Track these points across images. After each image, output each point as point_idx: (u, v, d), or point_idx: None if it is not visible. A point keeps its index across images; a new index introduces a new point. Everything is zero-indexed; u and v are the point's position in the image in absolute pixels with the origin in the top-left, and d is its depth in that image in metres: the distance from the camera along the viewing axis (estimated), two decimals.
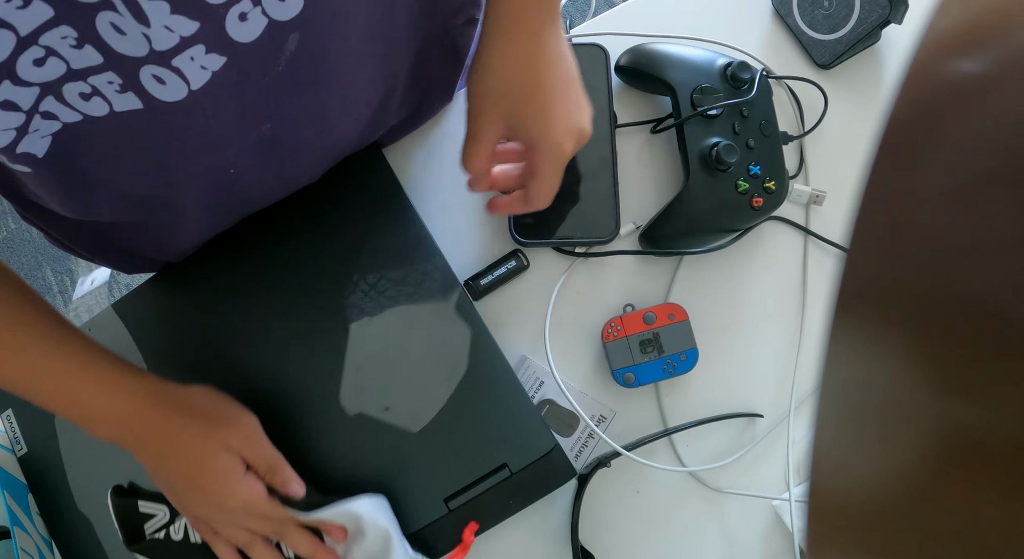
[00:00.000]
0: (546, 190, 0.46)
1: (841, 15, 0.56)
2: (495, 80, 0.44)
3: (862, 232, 0.12)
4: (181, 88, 0.32)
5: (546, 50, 0.44)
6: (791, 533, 0.51)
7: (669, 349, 0.51)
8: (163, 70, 0.31)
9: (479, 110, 0.46)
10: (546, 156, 0.45)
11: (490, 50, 0.44)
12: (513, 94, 0.44)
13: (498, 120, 0.45)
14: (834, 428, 0.13)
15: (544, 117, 0.45)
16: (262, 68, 0.35)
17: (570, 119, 0.45)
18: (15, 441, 0.53)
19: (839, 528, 0.13)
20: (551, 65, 0.45)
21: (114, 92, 0.31)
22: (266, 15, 0.31)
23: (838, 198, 0.56)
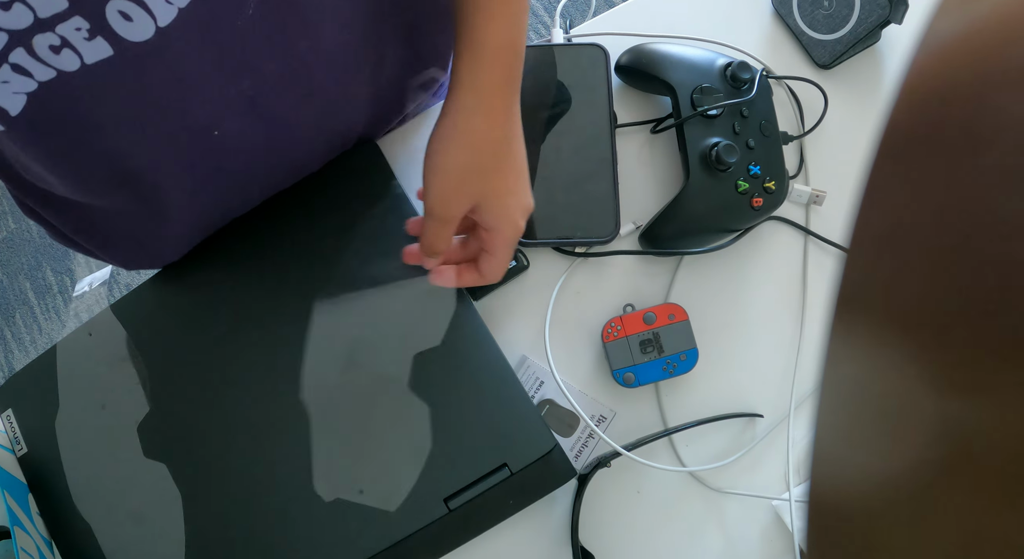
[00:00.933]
0: (502, 267, 0.46)
1: (841, 15, 0.56)
2: (473, 157, 0.43)
3: (862, 232, 0.12)
4: (148, 24, 0.32)
5: (517, 127, 0.44)
6: (791, 533, 0.51)
7: (669, 349, 0.51)
8: (128, 4, 0.31)
9: (451, 190, 0.43)
10: (506, 237, 0.44)
11: (467, 123, 0.42)
12: (489, 173, 0.43)
13: (469, 202, 0.43)
14: (834, 428, 0.13)
15: (510, 197, 0.44)
16: (233, 8, 0.34)
17: (524, 199, 0.45)
18: (15, 441, 0.53)
19: (839, 528, 0.13)
20: (520, 143, 0.44)
21: (83, 40, 0.31)
22: None
23: (838, 198, 0.56)
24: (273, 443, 0.49)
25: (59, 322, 1.47)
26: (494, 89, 0.42)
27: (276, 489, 0.48)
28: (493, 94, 0.42)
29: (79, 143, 0.39)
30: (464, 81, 0.42)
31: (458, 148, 0.42)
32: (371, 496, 0.47)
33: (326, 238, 0.52)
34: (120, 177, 0.43)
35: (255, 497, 0.48)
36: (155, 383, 0.51)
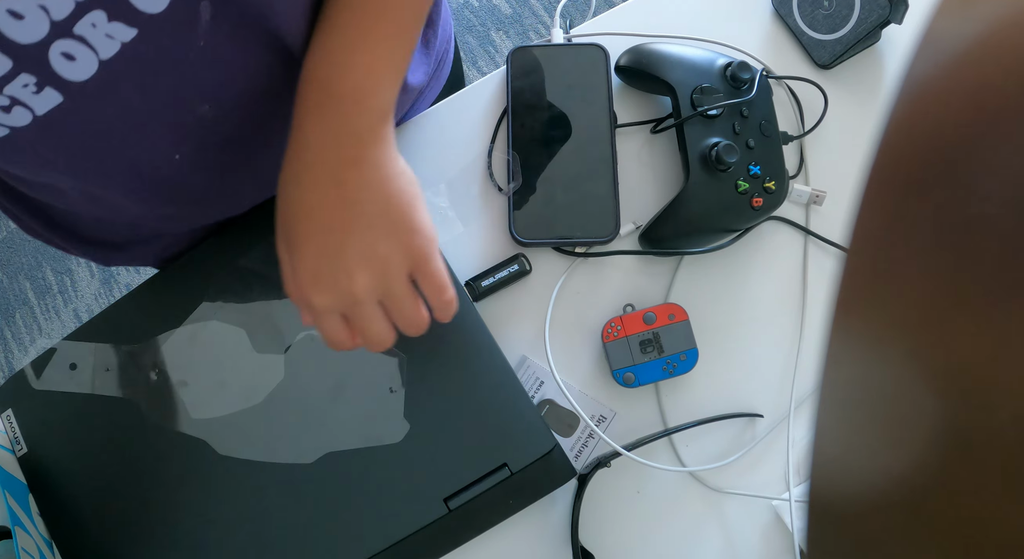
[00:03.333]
0: (330, 335, 0.40)
1: (841, 15, 0.56)
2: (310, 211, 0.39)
3: (862, 232, 0.12)
4: (91, 60, 0.32)
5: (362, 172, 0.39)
6: (791, 533, 0.51)
7: (669, 349, 0.51)
8: (69, 42, 0.30)
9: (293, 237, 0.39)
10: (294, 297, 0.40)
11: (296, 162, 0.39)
12: (282, 204, 0.40)
13: (280, 247, 0.40)
14: (834, 428, 0.13)
15: (299, 248, 0.39)
16: (182, 43, 0.34)
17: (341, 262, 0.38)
18: (15, 441, 0.53)
19: (839, 528, 0.13)
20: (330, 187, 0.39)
21: (31, 94, 0.31)
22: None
23: (838, 198, 0.56)
24: (272, 436, 0.49)
25: (59, 322, 1.47)
26: (294, 124, 0.40)
27: (276, 485, 0.48)
28: (293, 128, 0.40)
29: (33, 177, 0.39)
30: (295, 126, 0.40)
31: (283, 186, 0.40)
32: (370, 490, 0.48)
33: None
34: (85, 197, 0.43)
35: (255, 497, 0.48)
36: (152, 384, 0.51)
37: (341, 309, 0.39)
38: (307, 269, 0.38)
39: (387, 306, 0.39)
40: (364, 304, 0.39)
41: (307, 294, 0.38)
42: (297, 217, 0.38)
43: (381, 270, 0.38)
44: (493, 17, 1.55)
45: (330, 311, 0.39)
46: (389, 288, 0.39)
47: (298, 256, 0.38)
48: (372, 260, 0.38)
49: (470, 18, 1.55)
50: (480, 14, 1.55)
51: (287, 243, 0.39)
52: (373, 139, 0.39)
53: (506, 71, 0.57)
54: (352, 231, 0.38)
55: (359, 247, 0.38)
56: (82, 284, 1.49)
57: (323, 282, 0.38)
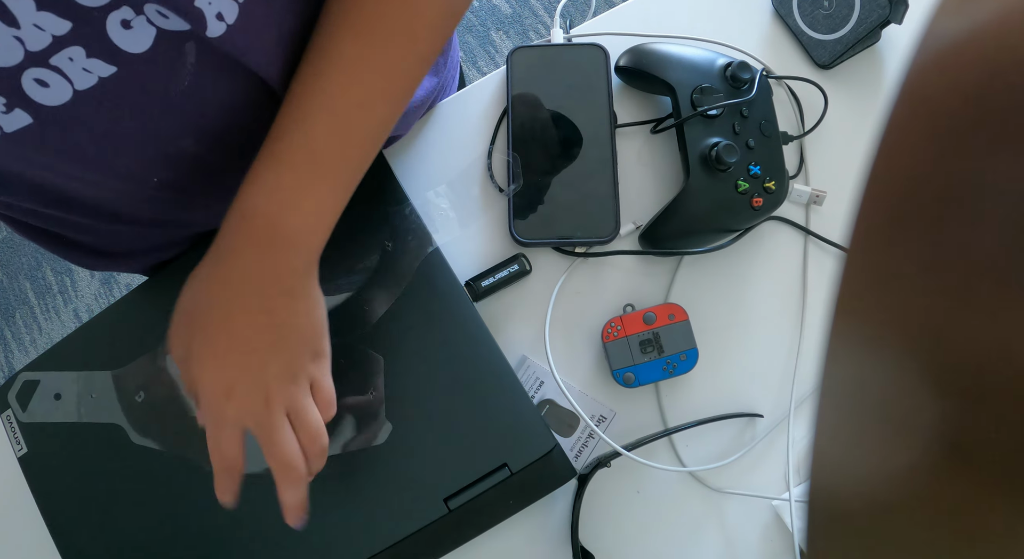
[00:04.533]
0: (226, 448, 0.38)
1: (841, 15, 0.56)
2: (188, 312, 0.40)
3: (862, 231, 0.12)
4: (65, 89, 0.31)
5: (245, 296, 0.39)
6: (791, 533, 0.51)
7: (669, 349, 0.51)
8: (43, 71, 0.30)
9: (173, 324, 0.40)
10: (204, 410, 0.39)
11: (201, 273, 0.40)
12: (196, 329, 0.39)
13: (176, 345, 0.40)
14: (834, 428, 0.13)
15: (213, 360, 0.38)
16: (164, 82, 0.34)
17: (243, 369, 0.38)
18: (15, 441, 0.53)
19: (839, 528, 0.13)
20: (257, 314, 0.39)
21: (1, 113, 0.31)
22: (152, 24, 0.31)
23: (838, 198, 0.56)
24: None
25: (59, 322, 1.47)
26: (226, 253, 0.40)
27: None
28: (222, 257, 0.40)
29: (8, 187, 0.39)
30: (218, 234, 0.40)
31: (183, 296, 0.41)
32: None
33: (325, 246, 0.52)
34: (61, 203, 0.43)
35: (255, 496, 0.48)
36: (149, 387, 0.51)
37: (249, 423, 0.38)
38: (221, 380, 0.38)
39: (292, 419, 0.39)
40: (275, 417, 0.38)
41: (220, 405, 0.38)
42: (217, 332, 0.38)
43: (295, 388, 0.39)
44: (493, 17, 1.55)
45: (236, 424, 0.38)
46: (298, 402, 0.39)
47: (212, 367, 0.38)
48: (289, 380, 0.39)
49: (470, 18, 1.55)
50: (480, 14, 1.55)
51: (195, 349, 0.39)
52: (307, 272, 0.40)
53: (506, 71, 0.57)
54: (276, 353, 0.38)
55: (280, 368, 0.38)
56: (82, 284, 1.49)
57: (238, 396, 0.38)
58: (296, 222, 0.38)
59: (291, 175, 0.38)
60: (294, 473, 0.39)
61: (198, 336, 0.39)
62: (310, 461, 0.39)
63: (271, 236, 0.38)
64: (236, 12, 0.32)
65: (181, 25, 0.31)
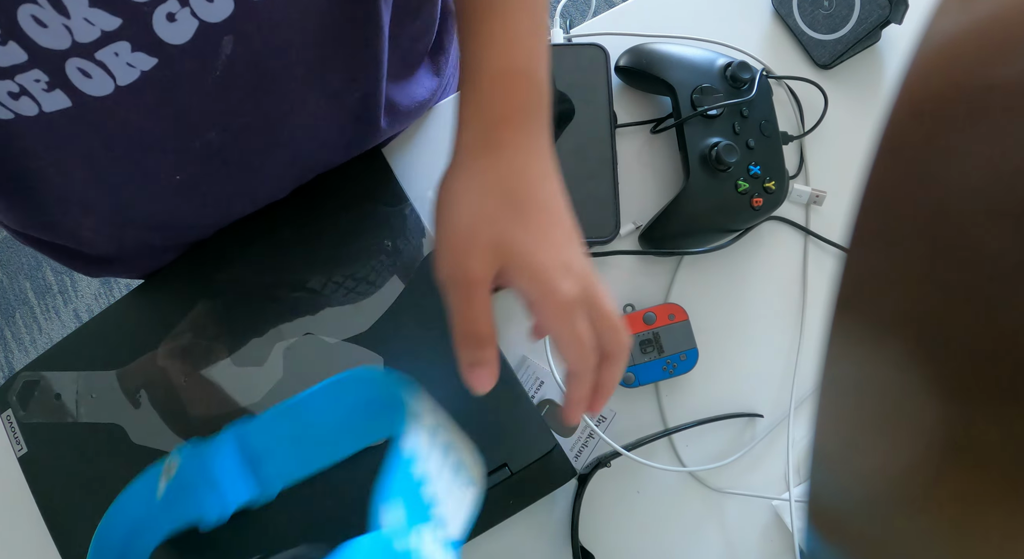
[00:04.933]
0: (582, 361, 0.35)
1: (841, 15, 0.56)
2: (480, 201, 0.35)
3: (862, 232, 0.12)
4: (107, 83, 0.32)
5: (541, 164, 0.36)
6: (791, 533, 0.51)
7: (669, 349, 0.51)
8: (87, 63, 0.30)
9: (460, 246, 0.35)
10: (553, 309, 0.34)
11: (471, 163, 0.36)
12: (503, 221, 0.34)
13: (486, 260, 0.34)
14: (834, 428, 0.13)
15: (540, 252, 0.34)
16: (198, 72, 0.34)
17: (563, 254, 0.35)
18: (15, 441, 0.53)
19: (839, 528, 0.13)
20: (551, 184, 0.36)
21: (42, 91, 0.31)
22: (196, 16, 0.31)
23: (838, 198, 0.56)
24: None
25: (59, 322, 1.47)
26: (499, 121, 0.35)
27: None
28: (498, 126, 0.35)
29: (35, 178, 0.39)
30: (465, 116, 0.36)
31: (462, 192, 0.35)
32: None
33: (324, 234, 0.52)
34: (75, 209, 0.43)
35: None
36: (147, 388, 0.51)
37: (587, 302, 0.34)
38: (558, 257, 0.34)
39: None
40: (606, 303, 0.35)
41: (560, 284, 0.33)
42: (533, 201, 0.35)
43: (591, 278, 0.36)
44: None
45: (578, 303, 0.34)
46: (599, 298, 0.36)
47: (544, 245, 0.34)
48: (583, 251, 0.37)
49: None
50: None
51: (512, 232, 0.34)
52: (548, 127, 0.38)
53: None
54: (572, 221, 0.37)
55: (578, 238, 0.37)
56: (82, 284, 1.49)
57: (577, 273, 0.34)
58: (544, 71, 0.36)
59: (519, 23, 0.36)
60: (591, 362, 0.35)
61: (511, 216, 0.34)
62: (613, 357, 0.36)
63: (535, 94, 0.35)
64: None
65: (223, 12, 0.32)
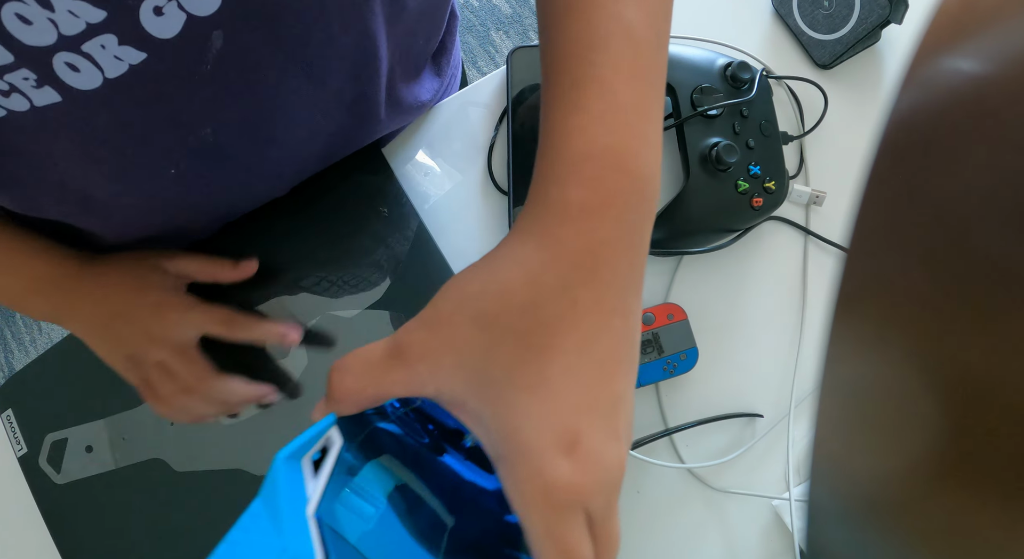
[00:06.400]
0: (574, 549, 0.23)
1: (841, 15, 0.56)
2: (491, 303, 0.24)
3: (862, 232, 0.12)
4: (95, 76, 0.32)
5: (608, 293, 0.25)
6: (791, 533, 0.51)
7: (669, 349, 0.51)
8: (74, 56, 0.30)
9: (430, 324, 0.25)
10: (526, 500, 0.23)
11: (508, 250, 0.26)
12: (508, 341, 0.24)
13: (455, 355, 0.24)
14: (834, 428, 0.13)
15: (539, 402, 0.23)
16: (188, 67, 0.34)
17: (575, 418, 0.23)
18: (15, 441, 0.53)
19: (839, 528, 0.13)
20: (616, 328, 0.25)
21: (31, 87, 0.31)
22: (183, 10, 0.31)
23: (838, 198, 0.56)
24: (271, 444, 0.49)
25: None
26: (568, 213, 0.25)
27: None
28: (564, 219, 0.25)
29: (30, 170, 0.39)
30: (532, 196, 0.27)
31: (474, 280, 0.25)
32: None
33: (323, 233, 0.52)
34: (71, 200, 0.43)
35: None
36: None
37: (596, 503, 0.24)
38: (557, 424, 0.23)
39: None
40: (618, 494, 0.25)
41: (556, 468, 0.23)
42: (551, 341, 0.24)
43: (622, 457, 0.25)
44: (493, 17, 1.55)
45: (577, 505, 0.23)
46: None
47: (540, 401, 0.23)
48: (630, 434, 0.25)
49: (470, 18, 1.55)
50: (480, 14, 1.55)
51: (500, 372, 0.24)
52: (646, 252, 0.27)
53: (506, 71, 0.57)
54: (632, 385, 0.25)
55: (630, 410, 0.25)
56: None
57: (585, 453, 0.23)
58: (649, 159, 0.26)
59: (608, 99, 0.26)
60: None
61: (508, 351, 0.24)
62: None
63: (629, 186, 0.25)
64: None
65: (211, 6, 0.31)
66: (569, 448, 0.23)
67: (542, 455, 0.23)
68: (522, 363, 0.23)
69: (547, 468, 0.23)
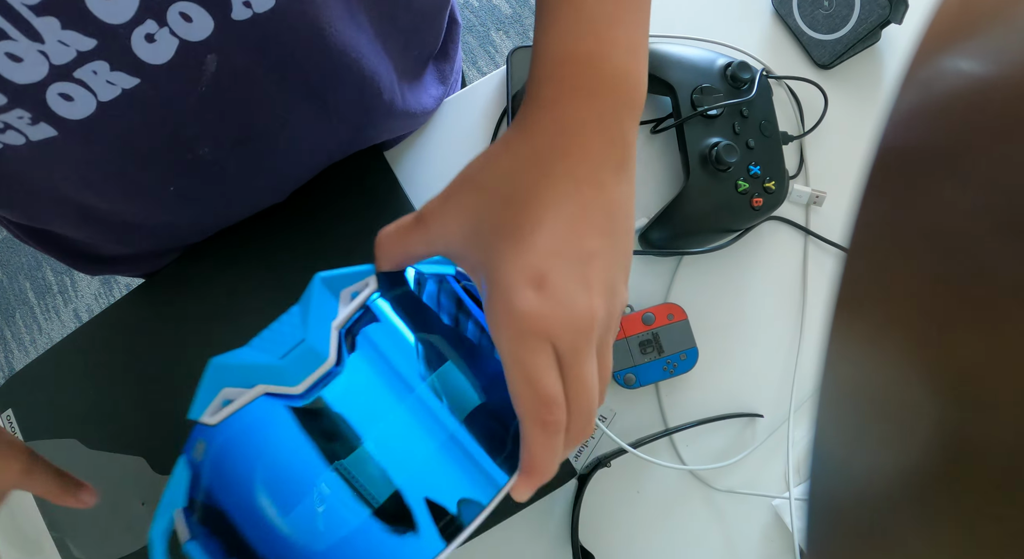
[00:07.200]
0: (522, 398, 0.27)
1: (841, 15, 0.56)
2: (486, 166, 0.30)
3: (862, 232, 0.12)
4: (89, 102, 0.31)
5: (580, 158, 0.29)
6: (791, 533, 0.51)
7: (669, 349, 0.51)
8: (67, 85, 0.30)
9: (443, 195, 0.31)
10: (500, 327, 0.27)
11: (503, 141, 0.31)
12: (497, 201, 0.29)
13: (457, 215, 0.30)
14: (834, 428, 0.13)
15: (518, 243, 0.27)
16: (183, 90, 0.34)
17: (544, 260, 0.27)
18: None
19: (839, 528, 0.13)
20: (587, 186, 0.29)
21: (26, 125, 0.31)
22: (176, 35, 0.30)
23: (838, 198, 0.56)
24: None
25: (59, 322, 1.47)
26: (542, 103, 0.30)
27: None
28: (540, 108, 0.30)
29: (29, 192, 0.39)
30: (522, 102, 0.32)
31: (475, 161, 0.31)
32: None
33: (324, 236, 0.52)
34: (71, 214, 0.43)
35: None
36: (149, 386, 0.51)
37: (560, 335, 0.26)
38: (527, 265, 0.27)
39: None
40: (591, 345, 0.27)
41: (523, 300, 0.26)
42: (526, 202, 0.28)
43: (612, 312, 0.28)
44: (493, 17, 1.55)
45: (543, 335, 0.26)
46: (606, 339, 0.29)
47: (513, 245, 0.27)
48: (611, 296, 0.28)
49: (470, 18, 1.55)
50: (480, 14, 1.55)
51: (487, 225, 0.28)
52: (633, 145, 0.30)
53: (506, 71, 0.57)
54: (608, 248, 0.28)
55: (606, 269, 0.28)
56: (82, 284, 1.49)
57: (553, 288, 0.26)
58: (620, 60, 0.30)
59: (576, 13, 0.31)
60: (558, 424, 0.27)
61: (494, 209, 0.28)
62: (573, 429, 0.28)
63: (597, 80, 0.30)
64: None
65: (203, 31, 0.31)
66: (537, 284, 0.27)
67: (512, 286, 0.27)
68: (503, 219, 0.28)
69: (515, 297, 0.26)
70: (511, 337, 0.27)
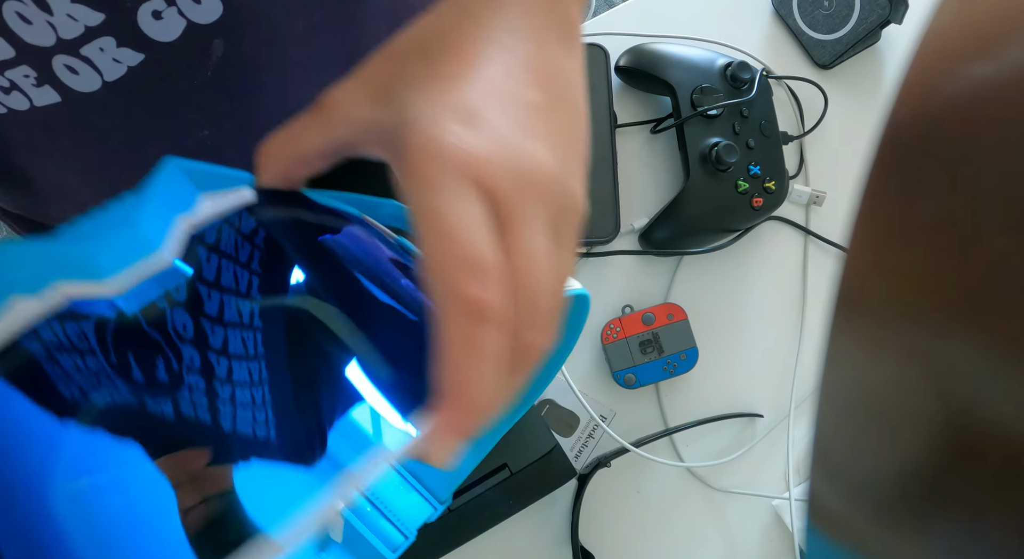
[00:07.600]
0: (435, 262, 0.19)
1: (841, 15, 0.56)
2: (403, 32, 0.24)
3: (862, 232, 0.12)
4: (95, 79, 0.32)
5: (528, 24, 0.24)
6: (791, 533, 0.51)
7: (669, 349, 0.51)
8: (74, 60, 0.30)
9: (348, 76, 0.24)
10: (410, 151, 0.20)
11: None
12: (418, 47, 0.23)
13: (363, 87, 0.23)
14: (834, 428, 0.13)
15: (438, 83, 0.22)
16: (188, 72, 0.34)
17: (466, 95, 0.21)
18: None
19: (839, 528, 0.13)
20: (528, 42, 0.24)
21: (31, 86, 0.31)
22: (183, 16, 0.31)
23: (838, 198, 0.56)
24: None
25: None
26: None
27: None
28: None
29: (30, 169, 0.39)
30: None
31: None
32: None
33: None
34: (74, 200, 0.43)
35: None
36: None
37: (499, 190, 0.20)
38: (457, 103, 0.21)
39: None
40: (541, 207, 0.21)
41: (447, 137, 0.20)
42: (454, 58, 0.22)
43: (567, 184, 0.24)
44: None
45: (473, 179, 0.19)
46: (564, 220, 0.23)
47: (438, 87, 0.21)
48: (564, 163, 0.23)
49: None
50: None
51: (411, 77, 0.22)
52: (579, 27, 0.26)
53: None
54: (554, 109, 0.24)
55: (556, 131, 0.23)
56: None
57: (487, 124, 0.21)
58: None
59: None
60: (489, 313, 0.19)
61: (410, 65, 0.23)
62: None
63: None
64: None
65: (212, 14, 0.31)
66: (466, 119, 0.20)
67: (432, 123, 0.20)
68: (422, 70, 0.22)
69: (436, 132, 0.20)
70: (426, 179, 0.19)
